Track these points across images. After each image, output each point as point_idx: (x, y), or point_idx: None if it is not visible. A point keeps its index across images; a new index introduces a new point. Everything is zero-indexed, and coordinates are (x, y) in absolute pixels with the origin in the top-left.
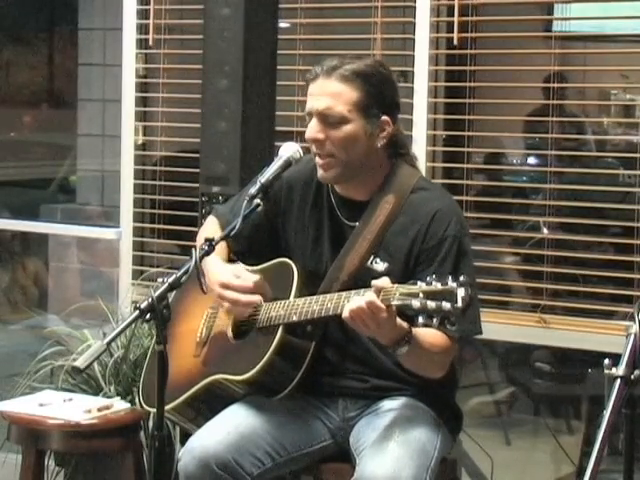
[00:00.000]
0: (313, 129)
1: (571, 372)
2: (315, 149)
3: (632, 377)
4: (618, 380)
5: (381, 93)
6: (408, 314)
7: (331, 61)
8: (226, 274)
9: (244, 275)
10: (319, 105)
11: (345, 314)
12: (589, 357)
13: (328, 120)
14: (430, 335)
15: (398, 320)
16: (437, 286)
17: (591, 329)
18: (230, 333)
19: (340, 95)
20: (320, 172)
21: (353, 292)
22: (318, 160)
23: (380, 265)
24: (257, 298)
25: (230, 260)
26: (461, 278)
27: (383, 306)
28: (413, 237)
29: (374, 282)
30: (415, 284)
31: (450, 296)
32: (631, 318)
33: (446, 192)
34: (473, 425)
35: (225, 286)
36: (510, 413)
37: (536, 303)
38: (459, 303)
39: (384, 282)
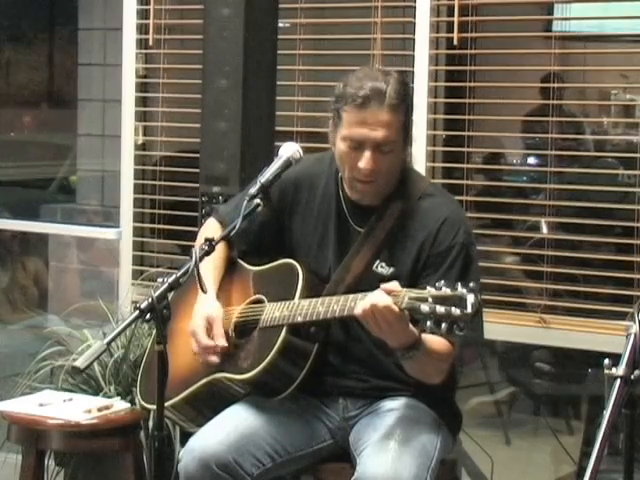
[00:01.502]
0: (370, 161)
1: (571, 372)
2: (364, 177)
3: (632, 377)
4: (618, 380)
5: (412, 106)
6: (416, 318)
7: (376, 82)
8: (198, 322)
9: (216, 329)
10: (377, 137)
11: (358, 311)
12: (589, 357)
13: (382, 149)
14: (435, 342)
15: (410, 326)
16: (447, 291)
17: (591, 329)
18: (232, 332)
19: (394, 124)
20: (358, 195)
21: (360, 295)
22: (359, 185)
23: (386, 270)
24: (215, 360)
25: (232, 260)
26: (471, 284)
27: (396, 308)
28: (421, 243)
29: (383, 285)
30: (424, 289)
31: (460, 302)
32: (631, 318)
33: (453, 198)
34: (473, 425)
35: (192, 336)
36: (510, 413)
37: (536, 303)
38: (469, 309)
39: (393, 285)
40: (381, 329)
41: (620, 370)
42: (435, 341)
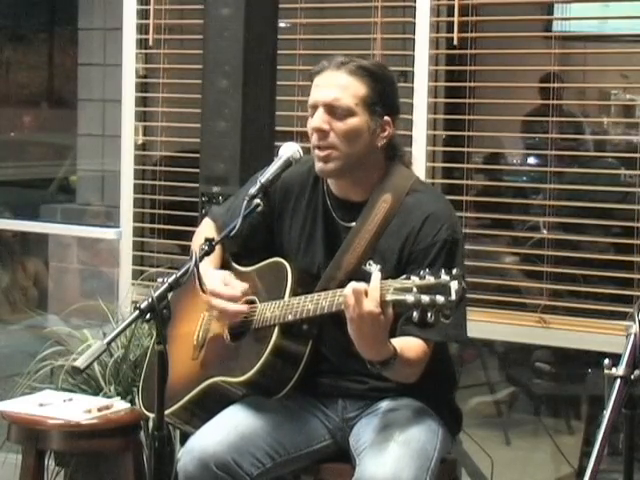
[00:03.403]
0: (319, 119)
1: (571, 372)
2: (317, 140)
3: (632, 377)
4: (618, 380)
5: (386, 93)
6: (402, 311)
7: (339, 57)
8: (215, 282)
9: (232, 283)
10: (327, 96)
11: (347, 291)
12: (589, 357)
13: (334, 111)
14: (412, 350)
15: (388, 343)
16: (430, 280)
17: (591, 329)
18: (227, 335)
19: (348, 88)
20: (319, 165)
21: (346, 289)
22: (318, 152)
23: (374, 267)
24: (244, 308)
25: (225, 261)
26: (454, 271)
27: (377, 297)
28: (404, 239)
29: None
30: (408, 279)
31: (444, 289)
32: (631, 318)
33: (441, 195)
34: (473, 425)
35: (214, 294)
36: (510, 413)
37: (536, 303)
38: (453, 296)
39: (376, 278)
40: (363, 323)
41: (620, 370)
42: (412, 349)
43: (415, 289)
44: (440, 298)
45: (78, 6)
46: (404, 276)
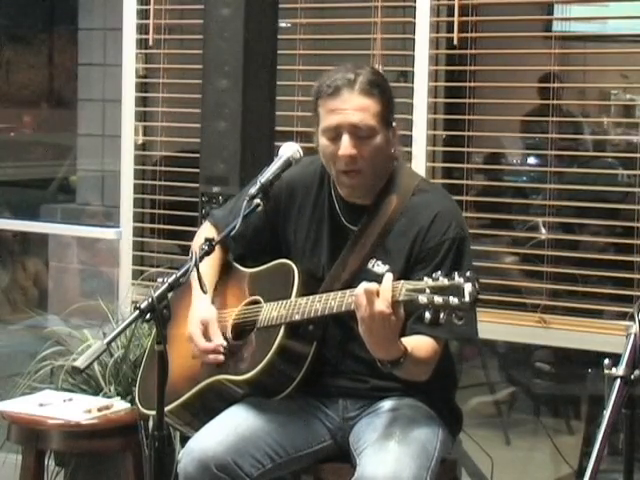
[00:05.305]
0: (348, 146)
1: (571, 372)
2: (346, 166)
3: (632, 377)
4: (618, 380)
5: (392, 101)
6: (413, 310)
7: (346, 74)
8: (194, 326)
9: (211, 331)
10: (352, 119)
11: (359, 290)
12: (589, 357)
13: (358, 134)
14: (422, 349)
15: (398, 342)
16: (444, 281)
17: (591, 329)
18: (230, 334)
19: (368, 108)
20: (347, 191)
21: (357, 289)
22: (345, 179)
23: (381, 267)
24: (219, 359)
25: (226, 263)
26: (468, 274)
27: (390, 294)
28: (413, 239)
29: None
30: (421, 280)
31: (457, 291)
32: (631, 318)
33: (447, 194)
34: (473, 425)
35: (190, 339)
36: (510, 413)
37: (536, 303)
38: (467, 298)
39: (388, 279)
40: (373, 320)
41: (620, 370)
42: (422, 348)
43: (428, 290)
44: (454, 300)
45: (78, 6)
46: (417, 277)
